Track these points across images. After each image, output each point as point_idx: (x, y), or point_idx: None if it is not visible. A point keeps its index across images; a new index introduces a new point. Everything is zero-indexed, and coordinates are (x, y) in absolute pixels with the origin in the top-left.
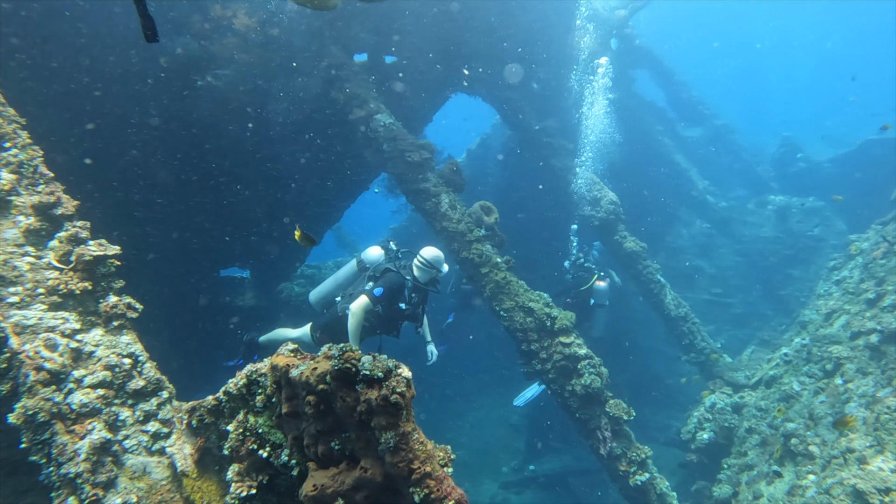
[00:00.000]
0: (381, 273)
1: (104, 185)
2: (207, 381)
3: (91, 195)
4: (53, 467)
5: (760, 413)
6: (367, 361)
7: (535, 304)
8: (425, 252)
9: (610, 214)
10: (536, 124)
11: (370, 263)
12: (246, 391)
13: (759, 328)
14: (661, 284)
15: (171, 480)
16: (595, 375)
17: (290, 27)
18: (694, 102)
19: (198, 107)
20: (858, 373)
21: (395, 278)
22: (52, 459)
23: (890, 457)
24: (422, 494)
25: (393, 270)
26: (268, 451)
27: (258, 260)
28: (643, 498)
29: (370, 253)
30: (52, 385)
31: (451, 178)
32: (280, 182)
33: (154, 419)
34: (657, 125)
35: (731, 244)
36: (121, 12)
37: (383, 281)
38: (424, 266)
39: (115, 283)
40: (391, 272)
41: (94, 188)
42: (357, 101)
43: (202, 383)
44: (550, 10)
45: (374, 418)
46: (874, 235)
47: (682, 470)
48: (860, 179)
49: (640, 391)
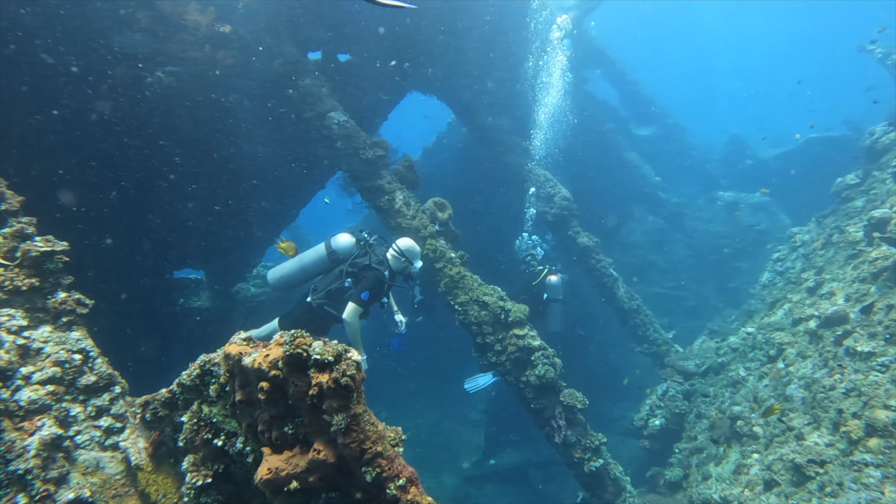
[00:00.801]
0: (361, 270)
1: (49, 183)
2: (164, 380)
3: (33, 193)
4: (0, 465)
5: (709, 399)
6: (317, 346)
7: (490, 297)
8: (401, 242)
9: (563, 210)
10: (491, 122)
11: (341, 252)
12: (199, 381)
13: (709, 319)
14: (613, 278)
15: (126, 474)
16: (549, 366)
17: (243, 24)
18: (645, 102)
19: (148, 103)
20: (799, 357)
21: (377, 277)
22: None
23: (825, 432)
24: (374, 473)
25: (373, 268)
26: (223, 439)
27: (212, 261)
28: (598, 483)
29: (340, 240)
30: (1, 381)
31: (405, 175)
32: (235, 181)
33: (107, 414)
34: (610, 123)
35: (682, 239)
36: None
37: (368, 283)
38: (399, 256)
39: (64, 279)
40: (371, 270)
41: (37, 187)
42: (311, 98)
43: (160, 382)
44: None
45: (325, 401)
46: (815, 228)
47: (639, 459)
48: (803, 175)
49: (596, 384)
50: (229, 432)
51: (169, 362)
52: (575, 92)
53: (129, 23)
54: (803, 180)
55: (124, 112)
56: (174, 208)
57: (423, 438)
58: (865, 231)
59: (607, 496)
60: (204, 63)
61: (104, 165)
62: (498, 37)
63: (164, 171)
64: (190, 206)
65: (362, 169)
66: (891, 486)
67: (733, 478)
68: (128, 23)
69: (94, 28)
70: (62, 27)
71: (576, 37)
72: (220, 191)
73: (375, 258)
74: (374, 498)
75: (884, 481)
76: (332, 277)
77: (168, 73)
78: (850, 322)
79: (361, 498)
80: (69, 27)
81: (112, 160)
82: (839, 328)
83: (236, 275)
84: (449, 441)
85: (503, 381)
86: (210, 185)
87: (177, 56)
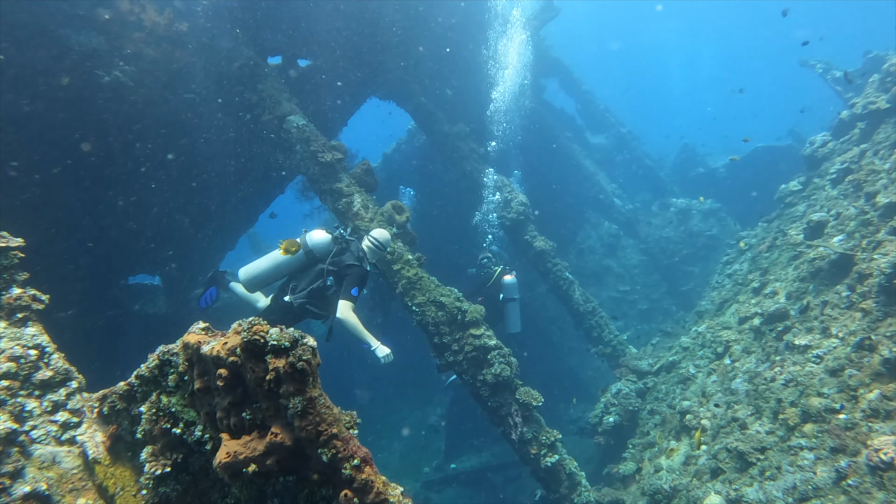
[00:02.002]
0: (344, 269)
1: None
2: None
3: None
4: None
5: (661, 395)
6: (274, 333)
7: (447, 298)
8: (377, 234)
9: (520, 215)
10: (448, 129)
11: (317, 250)
12: (158, 372)
13: (662, 322)
14: (569, 281)
15: (83, 468)
16: (505, 364)
17: (201, 25)
18: (601, 111)
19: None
20: (744, 352)
21: (361, 273)
22: None
23: (766, 421)
24: (329, 454)
25: (356, 265)
26: (181, 428)
27: (168, 266)
28: (554, 478)
29: (315, 237)
30: None
31: (363, 178)
32: (194, 187)
33: (63, 409)
34: (566, 132)
35: (636, 244)
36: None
37: (355, 280)
38: (377, 248)
39: (19, 275)
40: (355, 267)
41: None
42: (270, 102)
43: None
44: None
45: (282, 386)
46: (761, 232)
47: (595, 458)
48: (751, 182)
49: (554, 386)
50: (188, 421)
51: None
52: (533, 99)
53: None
54: (751, 186)
55: (76, 109)
56: (129, 210)
57: (383, 444)
58: (805, 234)
59: (563, 490)
60: (161, 62)
61: (58, 166)
62: (457, 45)
63: (117, 172)
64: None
65: (321, 172)
66: (822, 466)
67: (683, 468)
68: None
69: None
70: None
71: (533, 46)
72: (177, 195)
73: (354, 255)
74: (330, 479)
75: (816, 462)
76: (312, 276)
77: (125, 73)
78: (790, 318)
79: (318, 479)
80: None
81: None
82: (780, 324)
83: (193, 280)
84: (409, 447)
85: (460, 379)
86: (166, 188)
87: (133, 55)
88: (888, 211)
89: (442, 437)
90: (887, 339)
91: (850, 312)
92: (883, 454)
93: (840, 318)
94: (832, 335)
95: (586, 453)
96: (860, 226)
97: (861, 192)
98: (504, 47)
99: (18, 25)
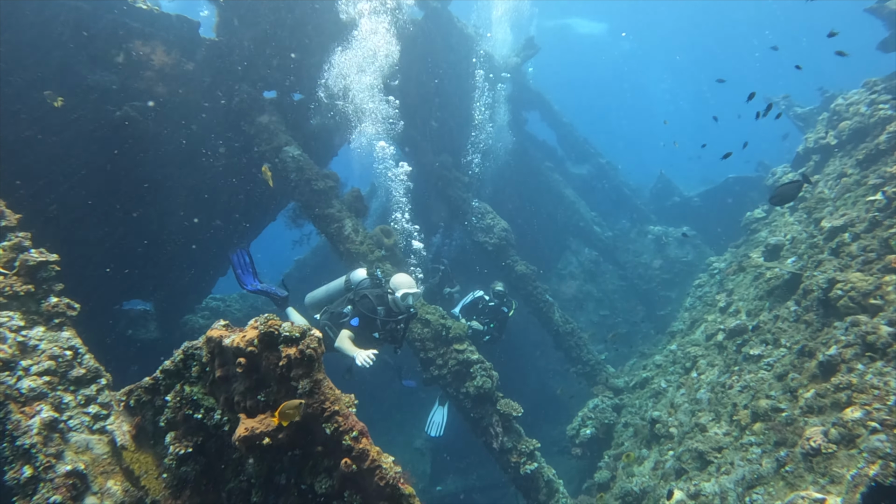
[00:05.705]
0: (360, 300)
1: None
2: None
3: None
4: (7, 443)
5: (635, 409)
6: (286, 326)
7: (432, 315)
8: (392, 280)
9: (502, 241)
10: (434, 160)
11: (354, 283)
12: (182, 365)
13: (640, 345)
14: (549, 303)
15: (112, 454)
16: (486, 377)
17: (203, 64)
18: (580, 142)
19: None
20: (709, 366)
21: (368, 307)
22: (4, 436)
23: (723, 423)
24: (332, 428)
25: (369, 298)
26: (202, 413)
27: (160, 292)
28: (533, 485)
29: (356, 273)
30: (6, 371)
31: (353, 204)
32: (190, 213)
33: (94, 402)
34: (547, 162)
35: (615, 270)
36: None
37: (357, 311)
38: (391, 293)
39: (56, 285)
40: (365, 300)
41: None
42: (266, 133)
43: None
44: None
45: (293, 370)
46: (729, 256)
47: (576, 476)
48: (724, 210)
49: (537, 408)
50: (208, 408)
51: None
52: (516, 132)
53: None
54: (724, 214)
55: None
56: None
57: None
58: (765, 256)
59: (542, 497)
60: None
61: (60, 194)
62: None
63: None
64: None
65: (314, 198)
66: (766, 458)
67: (652, 473)
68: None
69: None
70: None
71: (515, 81)
72: (172, 224)
73: (373, 292)
74: (332, 451)
75: (762, 456)
76: (339, 302)
77: (134, 108)
78: (748, 333)
79: (321, 451)
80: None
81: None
82: (739, 338)
83: (185, 307)
84: None
85: (445, 393)
86: (162, 216)
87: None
88: (831, 234)
89: (427, 460)
90: (822, 346)
91: (796, 325)
92: (812, 442)
93: (788, 331)
94: (781, 345)
95: (568, 473)
96: (809, 248)
97: (812, 218)
98: (487, 84)
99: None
